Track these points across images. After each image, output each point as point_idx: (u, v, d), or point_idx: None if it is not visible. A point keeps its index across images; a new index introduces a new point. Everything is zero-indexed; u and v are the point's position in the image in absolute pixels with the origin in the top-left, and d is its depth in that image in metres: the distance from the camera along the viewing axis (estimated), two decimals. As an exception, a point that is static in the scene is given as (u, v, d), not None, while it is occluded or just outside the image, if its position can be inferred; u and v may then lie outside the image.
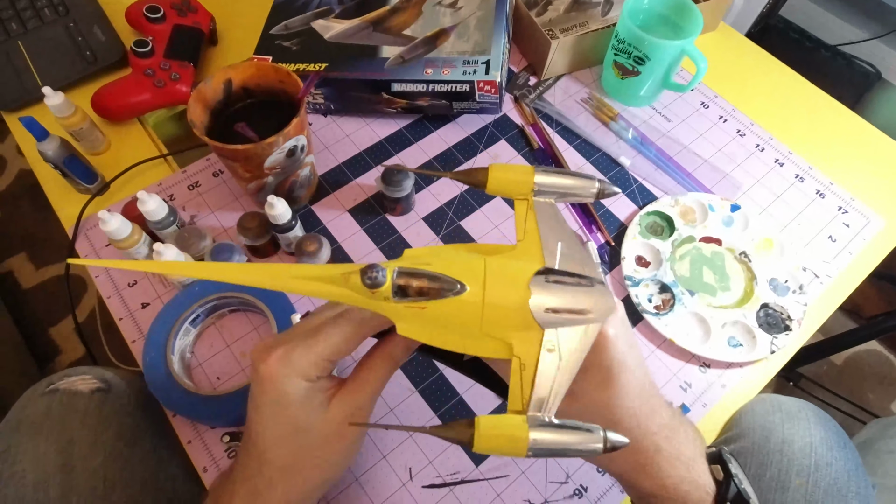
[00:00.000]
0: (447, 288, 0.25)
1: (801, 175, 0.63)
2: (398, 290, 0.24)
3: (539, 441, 0.23)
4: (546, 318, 0.25)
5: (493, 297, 0.25)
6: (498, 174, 0.29)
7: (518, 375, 0.25)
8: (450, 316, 0.25)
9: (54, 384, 0.45)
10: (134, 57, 0.60)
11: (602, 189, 0.29)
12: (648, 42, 0.58)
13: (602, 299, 0.27)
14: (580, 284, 0.26)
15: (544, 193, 0.29)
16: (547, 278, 0.26)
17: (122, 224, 0.49)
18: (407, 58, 0.58)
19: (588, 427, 0.24)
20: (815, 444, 0.45)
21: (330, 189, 0.59)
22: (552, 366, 0.25)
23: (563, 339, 0.25)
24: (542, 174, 0.29)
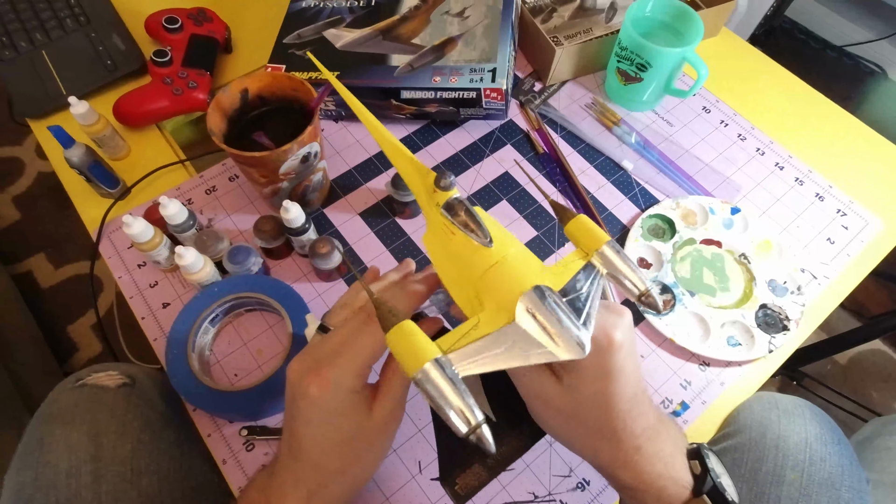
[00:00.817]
0: (481, 235, 0.30)
1: (801, 178, 0.65)
2: (448, 207, 0.31)
3: (428, 377, 0.25)
4: (522, 315, 0.28)
5: (502, 268, 0.29)
6: (580, 224, 0.32)
7: (468, 328, 0.28)
8: (464, 254, 0.31)
9: (82, 379, 0.48)
10: (153, 66, 0.62)
11: (646, 295, 0.30)
12: (650, 49, 0.60)
13: (573, 348, 0.28)
14: (568, 322, 0.28)
15: (603, 263, 0.31)
16: (550, 295, 0.28)
17: (145, 228, 0.51)
18: (415, 66, 0.61)
19: (471, 405, 0.25)
20: (810, 439, 0.46)
21: (341, 193, 0.62)
22: (497, 345, 0.28)
23: (521, 337, 0.28)
24: (611, 249, 0.31)
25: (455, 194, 0.32)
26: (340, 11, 0.66)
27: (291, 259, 0.58)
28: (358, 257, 0.58)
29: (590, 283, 0.30)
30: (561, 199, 0.62)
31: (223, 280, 0.53)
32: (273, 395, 0.48)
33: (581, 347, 0.28)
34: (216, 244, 0.54)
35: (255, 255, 0.54)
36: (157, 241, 0.53)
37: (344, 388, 0.30)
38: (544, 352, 0.28)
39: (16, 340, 1.00)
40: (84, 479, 0.41)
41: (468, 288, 0.31)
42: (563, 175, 0.64)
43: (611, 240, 0.30)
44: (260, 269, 0.54)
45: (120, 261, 0.58)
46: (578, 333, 0.28)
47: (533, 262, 0.31)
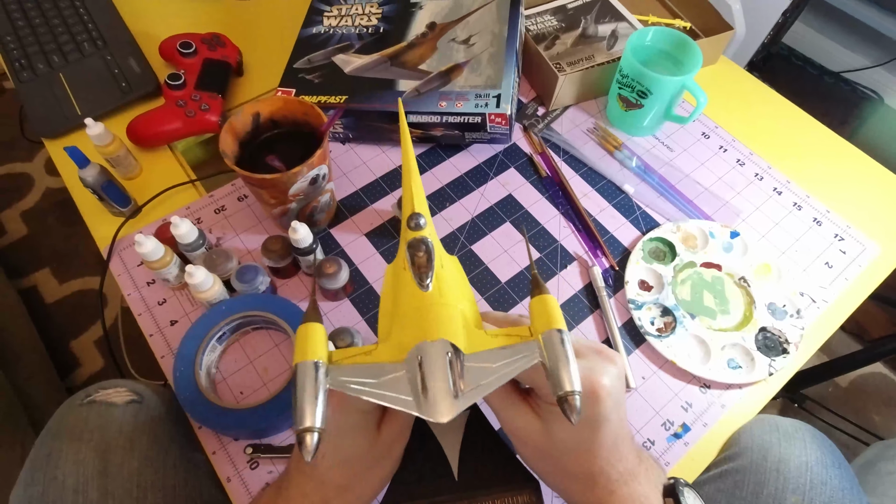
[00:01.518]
0: (420, 278, 0.31)
1: (799, 203, 0.66)
2: (410, 244, 0.33)
3: (300, 371, 0.28)
4: (411, 360, 0.29)
5: (424, 313, 0.30)
6: (544, 302, 0.30)
7: (363, 351, 0.30)
8: (404, 290, 0.32)
9: (91, 396, 0.48)
10: (167, 89, 0.64)
11: (570, 396, 0.26)
12: (650, 78, 0.62)
13: (430, 410, 0.27)
14: (444, 386, 0.27)
15: (546, 347, 0.28)
16: (451, 353, 0.28)
17: (156, 246, 0.52)
18: (422, 91, 0.62)
19: (315, 413, 0.27)
20: (810, 463, 0.47)
21: (348, 213, 0.63)
22: (372, 376, 0.29)
23: (395, 379, 0.29)
24: (560, 336, 0.28)
25: (423, 235, 0.33)
26: (349, 38, 0.68)
27: (298, 278, 0.59)
28: (363, 277, 0.59)
29: (505, 362, 0.28)
30: (563, 222, 0.63)
31: (231, 298, 0.54)
32: (278, 414, 0.49)
33: (435, 416, 0.27)
34: (225, 263, 0.55)
35: (262, 274, 0.55)
36: (167, 259, 0.54)
37: (356, 408, 0.31)
38: (405, 402, 0.27)
39: (20, 354, 1.01)
40: (91, 495, 0.42)
41: (390, 319, 0.32)
42: (565, 198, 0.65)
43: (565, 329, 0.28)
44: (267, 288, 0.55)
45: (129, 278, 0.59)
46: (442, 402, 0.27)
47: (463, 322, 0.30)
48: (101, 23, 0.74)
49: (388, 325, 0.32)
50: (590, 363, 0.30)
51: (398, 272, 0.33)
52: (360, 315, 0.57)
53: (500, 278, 0.59)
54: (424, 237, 0.33)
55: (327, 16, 0.71)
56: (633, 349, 0.56)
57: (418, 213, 0.33)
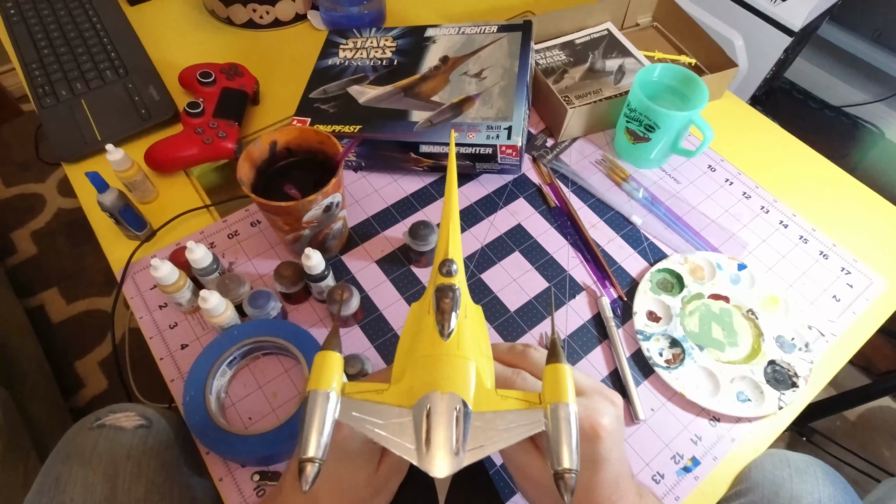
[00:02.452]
0: (442, 326, 0.32)
1: (805, 236, 0.67)
2: (439, 289, 0.33)
3: (311, 399, 0.29)
4: (419, 408, 0.29)
5: (440, 362, 0.31)
6: (557, 372, 0.30)
7: (375, 388, 0.31)
8: (424, 333, 0.32)
9: (100, 419, 0.49)
10: (186, 116, 0.66)
11: (568, 473, 0.27)
12: (658, 112, 0.63)
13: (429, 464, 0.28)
14: (447, 441, 0.28)
15: (551, 419, 0.29)
16: (460, 409, 0.29)
17: (170, 271, 0.53)
18: (435, 122, 0.64)
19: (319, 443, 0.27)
20: (823, 500, 0.46)
21: (359, 241, 0.64)
22: (380, 417, 0.29)
23: (400, 424, 0.29)
24: (568, 412, 0.28)
25: (453, 283, 0.34)
26: (364, 69, 0.70)
27: (309, 304, 0.59)
28: (373, 304, 0.59)
29: (510, 427, 0.29)
30: (572, 252, 0.64)
31: (242, 323, 0.55)
32: (286, 441, 0.49)
33: (433, 471, 0.27)
34: (238, 288, 0.56)
35: (274, 300, 0.55)
36: (181, 283, 0.54)
37: (362, 440, 0.31)
38: (407, 450, 0.28)
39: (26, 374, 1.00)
40: (99, 521, 0.42)
41: (406, 361, 0.32)
42: (573, 228, 0.66)
43: (573, 405, 0.29)
44: (278, 314, 0.56)
45: (142, 301, 0.59)
46: (442, 458, 0.27)
47: (476, 379, 0.31)
48: (124, 51, 0.76)
49: (402, 366, 0.32)
50: (591, 402, 0.30)
51: (422, 313, 0.34)
52: (370, 342, 0.57)
53: (508, 307, 0.59)
54: (454, 285, 0.33)
55: (343, 48, 0.73)
56: (641, 380, 0.56)
57: (451, 259, 0.34)
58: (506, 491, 0.49)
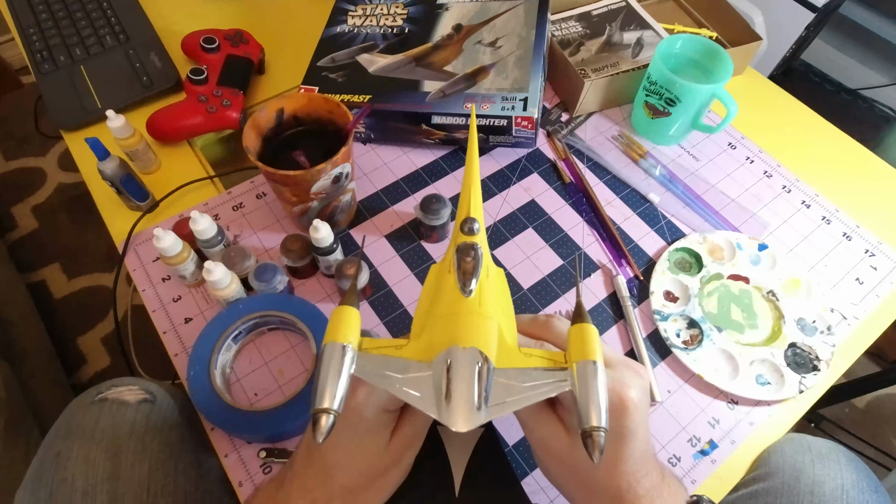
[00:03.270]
0: (464, 284, 0.31)
1: (828, 217, 0.64)
2: (460, 248, 0.32)
3: (327, 351, 0.27)
4: (439, 362, 0.28)
5: (461, 319, 0.29)
6: (583, 331, 0.29)
7: (393, 344, 0.30)
8: (444, 292, 0.31)
9: (102, 393, 0.47)
10: (189, 84, 0.63)
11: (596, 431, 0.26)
12: (680, 85, 0.61)
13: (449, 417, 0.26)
14: (470, 396, 0.26)
15: (578, 377, 0.28)
16: (482, 364, 0.27)
17: (174, 241, 0.51)
18: (447, 92, 0.61)
19: (334, 395, 0.26)
20: (846, 486, 0.45)
21: (368, 214, 0.62)
22: (397, 370, 0.28)
23: (419, 378, 0.28)
24: (595, 368, 0.27)
25: (474, 241, 0.32)
26: (374, 37, 0.68)
27: (316, 279, 0.58)
28: (383, 279, 0.57)
29: (534, 384, 0.28)
30: (587, 229, 0.62)
31: (248, 297, 0.53)
32: (294, 418, 0.47)
33: (453, 423, 0.26)
34: (243, 261, 0.54)
35: (280, 274, 0.54)
36: (184, 255, 0.53)
37: (378, 406, 0.30)
38: (426, 403, 0.27)
39: (28, 350, 0.99)
40: (101, 498, 0.41)
41: (425, 320, 0.31)
42: (589, 205, 0.64)
43: (601, 363, 0.27)
44: (285, 288, 0.54)
45: (144, 274, 0.58)
46: (463, 411, 0.26)
47: (498, 337, 0.30)
48: (124, 16, 0.73)
49: (422, 323, 0.31)
50: (618, 374, 0.29)
51: (442, 273, 0.32)
52: (379, 318, 0.55)
53: (522, 285, 0.58)
54: (475, 243, 0.32)
55: (352, 15, 0.70)
56: (658, 361, 0.54)
57: (473, 217, 0.33)
58: (518, 472, 0.47)
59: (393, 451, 0.31)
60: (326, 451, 0.30)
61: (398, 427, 0.31)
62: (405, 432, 0.31)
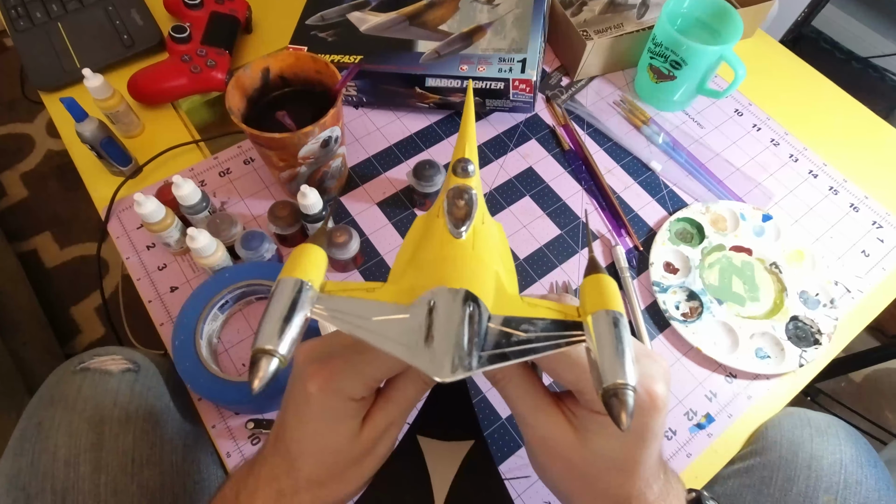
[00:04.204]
0: (454, 225, 0.27)
1: (836, 187, 0.62)
2: (453, 190, 0.28)
3: (281, 286, 0.22)
4: (420, 304, 0.23)
5: (451, 261, 0.25)
6: (599, 282, 0.23)
7: (363, 287, 0.25)
8: (432, 236, 0.27)
9: (85, 363, 0.46)
10: (172, 42, 0.60)
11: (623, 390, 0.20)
12: (687, 46, 0.58)
13: (432, 364, 0.21)
14: (459, 341, 0.21)
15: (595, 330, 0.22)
16: (474, 308, 0.23)
17: (156, 207, 0.49)
18: (442, 53, 0.58)
19: (280, 334, 0.21)
20: (845, 461, 0.44)
21: (359, 181, 0.60)
22: (366, 312, 0.23)
23: (394, 321, 0.23)
24: (617, 319, 0.22)
25: (469, 185, 0.28)
26: (366, -5, 0.64)
27: (305, 247, 0.56)
28: (374, 248, 0.56)
29: (544, 339, 0.23)
30: (586, 198, 0.60)
31: (235, 266, 0.51)
32: (282, 390, 0.46)
33: (435, 370, 0.21)
34: (229, 228, 0.52)
35: (268, 242, 0.52)
36: (168, 221, 0.51)
37: (344, 393, 0.26)
38: (400, 347, 0.22)
39: (19, 319, 0.98)
40: (83, 468, 0.40)
41: (405, 265, 0.27)
42: (588, 173, 0.62)
43: (623, 313, 0.22)
44: (273, 257, 0.52)
45: (128, 241, 0.56)
46: (448, 356, 0.21)
47: (496, 283, 0.25)
48: (103, -29, 0.69)
49: (402, 269, 0.27)
50: (643, 367, 0.25)
51: (430, 220, 0.28)
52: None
53: (518, 255, 0.56)
54: (469, 186, 0.28)
55: (343, -29, 0.67)
56: (656, 334, 0.53)
57: (468, 158, 0.29)
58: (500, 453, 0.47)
59: (364, 440, 0.28)
60: (291, 440, 0.28)
61: (370, 415, 0.28)
62: (377, 421, 0.28)
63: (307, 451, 0.28)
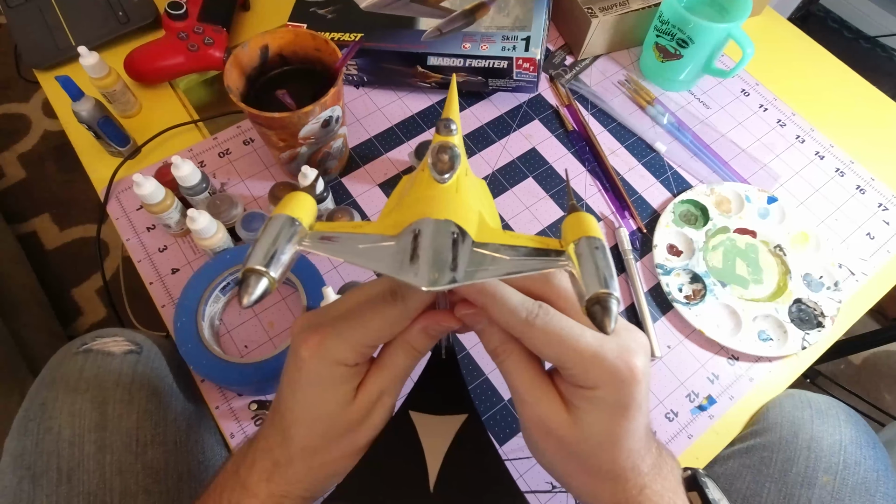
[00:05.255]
0: (438, 171, 0.27)
1: (842, 169, 0.62)
2: (436, 146, 0.28)
3: (273, 221, 0.24)
4: (406, 233, 0.24)
5: (434, 200, 0.26)
6: (578, 218, 0.24)
7: (350, 226, 0.25)
8: (417, 187, 0.27)
9: (87, 344, 0.46)
10: (168, 19, 0.59)
11: (605, 298, 0.21)
12: (694, 24, 0.57)
13: (419, 278, 0.22)
14: (441, 258, 0.23)
15: (577, 253, 0.23)
16: (458, 235, 0.24)
17: (156, 188, 0.49)
18: (444, 31, 0.57)
19: (268, 258, 0.22)
20: (844, 442, 0.44)
21: (360, 162, 0.59)
22: (355, 241, 0.24)
23: (381, 247, 0.24)
24: (596, 242, 0.23)
25: (451, 142, 0.28)
26: (366, -30, 0.63)
27: (307, 229, 0.55)
28: (376, 230, 0.55)
29: (523, 258, 0.24)
30: (590, 179, 0.59)
31: (236, 247, 0.51)
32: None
33: (417, 279, 0.22)
34: (230, 209, 0.52)
35: (269, 223, 0.51)
36: (168, 203, 0.50)
37: (332, 358, 0.26)
38: (386, 265, 0.23)
39: (20, 301, 0.98)
40: (88, 448, 0.40)
41: (390, 211, 0.27)
42: (592, 154, 0.61)
43: (603, 240, 0.23)
44: (274, 238, 0.52)
45: (128, 222, 0.55)
46: (432, 268, 0.22)
47: (479, 219, 0.26)
48: (97, -54, 0.68)
49: (387, 213, 0.28)
50: (622, 340, 0.26)
51: (415, 174, 0.29)
52: (373, 272, 0.53)
53: (520, 237, 0.56)
54: (452, 143, 0.28)
55: (342, -55, 0.65)
56: (659, 316, 0.53)
57: (450, 118, 0.29)
58: (502, 434, 0.47)
59: (357, 408, 0.28)
60: (285, 410, 0.28)
61: (364, 383, 0.28)
62: (369, 388, 0.28)
63: (300, 418, 0.28)
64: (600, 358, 0.25)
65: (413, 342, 0.28)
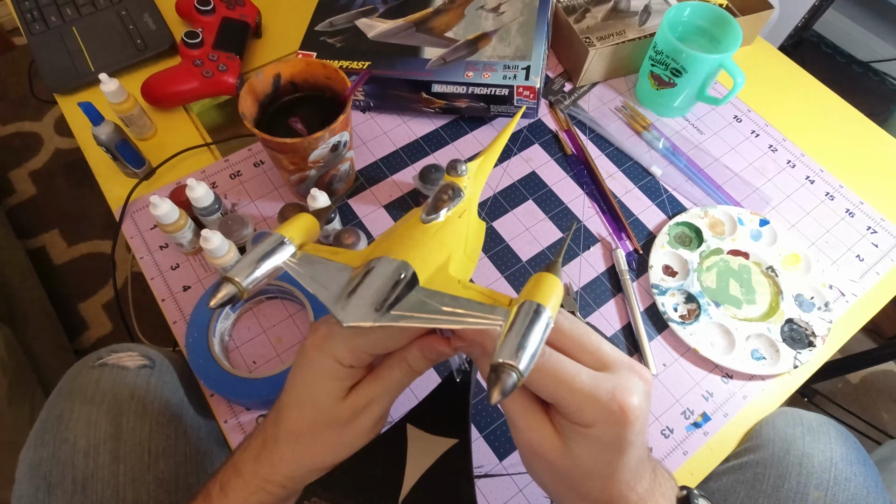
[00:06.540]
0: (426, 211, 0.30)
1: (832, 193, 0.64)
2: (441, 186, 0.31)
3: (266, 238, 0.29)
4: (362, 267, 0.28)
5: (407, 238, 0.29)
6: (540, 277, 0.25)
7: (332, 252, 0.30)
8: (407, 221, 0.31)
9: (102, 359, 0.48)
10: (184, 47, 0.62)
11: (504, 368, 0.22)
12: (686, 55, 0.59)
13: (341, 311, 0.26)
14: (369, 298, 0.26)
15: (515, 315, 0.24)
16: (405, 276, 0.26)
17: (171, 209, 0.51)
18: (448, 59, 0.60)
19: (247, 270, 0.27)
20: (835, 459, 0.46)
21: (367, 184, 0.61)
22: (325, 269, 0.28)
23: (334, 275, 0.28)
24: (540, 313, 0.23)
25: (455, 182, 0.32)
26: (373, 1, 0.66)
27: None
28: (381, 250, 0.57)
29: (456, 312, 0.25)
30: (588, 202, 0.61)
31: (246, 266, 0.53)
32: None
33: (340, 314, 0.25)
34: (241, 229, 0.54)
35: (278, 243, 0.53)
36: (181, 223, 0.52)
37: (333, 353, 0.28)
38: (324, 292, 0.27)
39: (29, 314, 1.00)
40: (103, 458, 0.41)
41: (380, 240, 0.31)
42: (590, 177, 0.63)
43: (548, 309, 0.24)
44: (283, 257, 0.54)
45: (142, 241, 0.57)
46: (357, 307, 0.25)
47: (441, 265, 0.28)
48: (116, -24, 0.71)
49: (377, 243, 0.31)
50: (619, 378, 0.26)
51: (415, 210, 0.32)
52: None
53: (520, 257, 0.57)
54: (455, 184, 0.31)
55: (351, -23, 0.68)
56: (655, 335, 0.54)
57: (460, 160, 0.32)
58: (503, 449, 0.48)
59: (346, 407, 0.29)
60: (284, 392, 0.30)
61: (357, 387, 0.30)
62: (360, 393, 0.30)
63: (294, 400, 0.30)
64: (594, 398, 0.25)
65: (410, 360, 0.30)
